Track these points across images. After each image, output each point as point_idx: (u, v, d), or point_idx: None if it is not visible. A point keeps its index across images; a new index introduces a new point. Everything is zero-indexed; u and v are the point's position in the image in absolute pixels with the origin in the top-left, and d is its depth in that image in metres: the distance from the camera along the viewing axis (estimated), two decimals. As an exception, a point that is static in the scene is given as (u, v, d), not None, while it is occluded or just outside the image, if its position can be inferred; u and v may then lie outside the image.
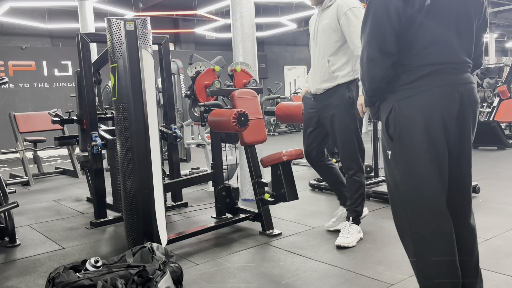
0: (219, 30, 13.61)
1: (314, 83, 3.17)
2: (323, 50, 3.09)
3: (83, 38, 3.77)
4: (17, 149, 6.21)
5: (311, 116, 3.27)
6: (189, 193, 5.07)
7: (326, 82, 3.08)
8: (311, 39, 3.22)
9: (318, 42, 3.11)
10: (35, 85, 10.90)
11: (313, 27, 3.19)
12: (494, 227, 3.31)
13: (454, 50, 1.76)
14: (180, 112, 7.40)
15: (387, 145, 1.86)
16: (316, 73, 3.14)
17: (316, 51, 3.15)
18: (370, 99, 1.90)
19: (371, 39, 1.75)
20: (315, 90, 3.17)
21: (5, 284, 2.77)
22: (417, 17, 1.71)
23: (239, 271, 2.77)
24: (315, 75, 3.15)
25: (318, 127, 3.25)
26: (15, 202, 3.40)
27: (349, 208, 3.20)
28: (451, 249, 1.77)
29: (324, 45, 3.07)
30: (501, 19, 17.41)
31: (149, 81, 2.87)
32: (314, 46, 3.17)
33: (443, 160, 1.77)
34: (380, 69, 1.76)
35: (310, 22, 3.30)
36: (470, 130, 1.83)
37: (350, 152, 3.12)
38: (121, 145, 2.90)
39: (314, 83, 3.17)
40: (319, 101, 3.18)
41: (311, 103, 3.25)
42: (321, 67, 3.09)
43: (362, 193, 3.17)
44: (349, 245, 3.04)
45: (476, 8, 1.80)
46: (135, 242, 2.86)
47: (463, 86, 1.77)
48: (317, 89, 3.14)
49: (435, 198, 1.77)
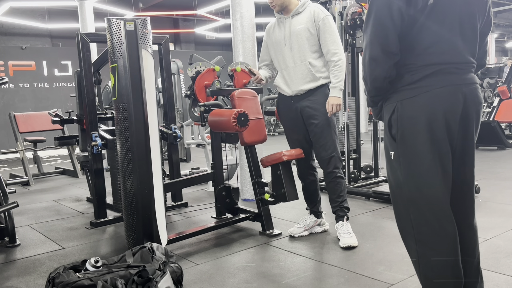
0: (219, 30, 13.62)
1: (292, 86, 3.20)
2: (301, 53, 3.14)
3: (83, 38, 3.77)
4: (17, 149, 6.21)
5: (292, 118, 3.26)
6: (189, 193, 5.07)
7: (310, 83, 3.14)
8: (281, 45, 3.22)
9: (292, 47, 3.16)
10: (35, 85, 10.91)
11: (282, 33, 3.21)
12: (494, 227, 3.31)
13: (458, 50, 1.75)
14: (180, 112, 7.40)
15: (389, 145, 1.84)
16: (295, 76, 3.18)
17: (290, 56, 3.18)
18: (373, 99, 1.89)
19: (373, 38, 1.74)
20: (295, 92, 3.20)
21: (5, 284, 2.77)
22: (419, 17, 1.70)
23: (239, 271, 2.77)
24: (293, 78, 3.19)
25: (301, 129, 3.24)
26: (15, 202, 3.40)
27: (339, 207, 3.22)
28: (454, 250, 1.76)
29: (302, 48, 3.13)
30: (501, 19, 17.43)
31: (149, 81, 2.87)
32: (287, 51, 3.19)
33: (446, 160, 1.76)
34: (382, 69, 1.75)
35: (271, 29, 3.32)
36: (473, 130, 1.82)
37: (334, 148, 3.17)
38: (121, 145, 2.90)
39: (292, 85, 3.20)
40: (299, 99, 3.20)
41: (289, 105, 3.25)
42: (302, 69, 3.15)
43: (344, 187, 3.25)
44: (356, 243, 3.04)
45: (479, 8, 1.79)
46: (135, 242, 2.86)
47: (466, 87, 1.75)
48: (299, 90, 3.18)
49: (438, 198, 1.76)
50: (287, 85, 3.24)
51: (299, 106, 3.21)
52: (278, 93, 3.38)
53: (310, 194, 3.38)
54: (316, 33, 3.10)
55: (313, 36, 3.11)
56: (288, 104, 3.28)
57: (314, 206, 3.38)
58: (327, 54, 3.10)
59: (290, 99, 3.25)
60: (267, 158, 3.24)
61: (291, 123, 3.30)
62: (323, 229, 3.38)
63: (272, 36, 3.31)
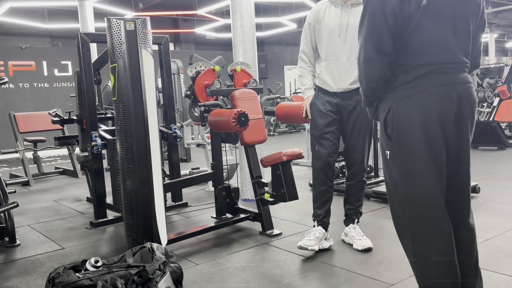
0: (219, 30, 13.62)
1: (340, 82, 2.92)
2: (353, 49, 2.87)
3: (83, 38, 3.77)
4: (17, 149, 6.21)
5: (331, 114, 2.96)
6: (189, 193, 5.07)
7: (355, 83, 2.89)
8: (335, 35, 2.90)
9: (347, 39, 2.88)
10: (35, 85, 10.90)
11: (338, 21, 2.89)
12: (494, 227, 3.31)
13: (451, 50, 1.77)
14: (180, 112, 7.40)
15: (385, 145, 1.86)
16: (346, 72, 2.91)
17: (343, 49, 2.89)
18: (368, 99, 1.91)
19: (367, 39, 1.76)
20: (341, 89, 2.92)
21: (5, 284, 2.77)
22: (413, 17, 1.72)
23: (239, 271, 2.77)
24: (343, 74, 2.91)
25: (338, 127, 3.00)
26: (15, 202, 3.40)
27: (355, 211, 3.12)
28: (450, 249, 1.77)
29: (355, 44, 2.85)
30: (501, 19, 17.41)
31: (149, 81, 2.87)
32: (340, 42, 2.90)
33: (441, 160, 1.78)
34: (376, 69, 1.77)
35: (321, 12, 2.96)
36: (468, 130, 1.84)
37: (366, 151, 3.04)
38: (121, 145, 2.90)
39: (341, 82, 2.92)
40: (344, 97, 2.94)
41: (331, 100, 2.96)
42: (353, 67, 2.88)
43: (365, 191, 3.17)
44: (372, 244, 3.01)
45: (472, 9, 1.81)
46: (135, 242, 2.86)
47: (460, 86, 1.78)
48: (346, 88, 2.91)
49: (433, 197, 1.77)
50: (334, 81, 2.93)
51: (342, 104, 2.94)
52: (317, 87, 3.04)
53: (326, 201, 3.06)
54: None
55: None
56: (330, 100, 2.96)
57: (327, 216, 3.07)
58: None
59: (333, 94, 2.95)
60: (267, 158, 3.24)
61: (330, 119, 2.96)
62: (330, 245, 3.07)
63: (324, 20, 2.93)
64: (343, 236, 3.19)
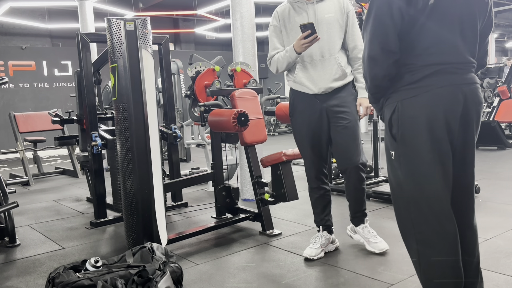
0: (219, 30, 13.62)
1: (320, 83, 2.79)
2: (331, 45, 2.78)
3: (83, 38, 3.77)
4: (17, 149, 6.21)
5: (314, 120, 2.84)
6: (189, 193, 5.07)
7: (339, 80, 2.80)
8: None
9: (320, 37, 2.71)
10: (35, 85, 10.90)
11: (305, 20, 2.76)
12: (494, 227, 3.30)
13: (458, 50, 1.75)
14: (180, 112, 7.40)
15: (390, 145, 1.85)
16: (323, 71, 2.79)
17: (316, 46, 2.74)
18: (374, 96, 1.89)
19: (373, 37, 1.74)
20: (322, 90, 2.79)
21: (5, 284, 2.77)
22: (420, 16, 1.71)
23: (239, 271, 2.77)
24: (321, 73, 2.79)
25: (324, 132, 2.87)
26: (15, 202, 3.40)
27: (362, 212, 3.00)
28: (454, 250, 1.76)
29: (331, 40, 2.78)
30: (501, 19, 17.43)
31: (149, 81, 2.87)
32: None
33: (446, 160, 1.76)
34: (381, 67, 1.76)
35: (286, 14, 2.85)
36: (473, 130, 1.82)
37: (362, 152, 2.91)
38: (121, 145, 2.90)
39: (320, 82, 2.79)
40: (325, 98, 2.81)
41: (313, 104, 2.83)
42: (332, 64, 2.78)
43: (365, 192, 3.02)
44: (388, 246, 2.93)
45: (480, 8, 1.79)
46: (135, 242, 2.86)
47: (467, 86, 1.76)
48: (327, 88, 2.79)
49: (439, 198, 1.76)
50: (312, 82, 2.80)
51: (325, 105, 2.81)
52: (294, 91, 2.90)
53: (325, 206, 3.00)
54: (345, 24, 2.81)
55: (341, 28, 2.80)
56: (311, 104, 2.83)
57: (328, 220, 3.01)
58: (354, 49, 2.82)
59: (314, 98, 2.81)
60: (267, 158, 3.24)
61: (313, 126, 2.85)
62: (335, 247, 3.03)
63: (291, 22, 2.83)
64: (351, 233, 3.07)
